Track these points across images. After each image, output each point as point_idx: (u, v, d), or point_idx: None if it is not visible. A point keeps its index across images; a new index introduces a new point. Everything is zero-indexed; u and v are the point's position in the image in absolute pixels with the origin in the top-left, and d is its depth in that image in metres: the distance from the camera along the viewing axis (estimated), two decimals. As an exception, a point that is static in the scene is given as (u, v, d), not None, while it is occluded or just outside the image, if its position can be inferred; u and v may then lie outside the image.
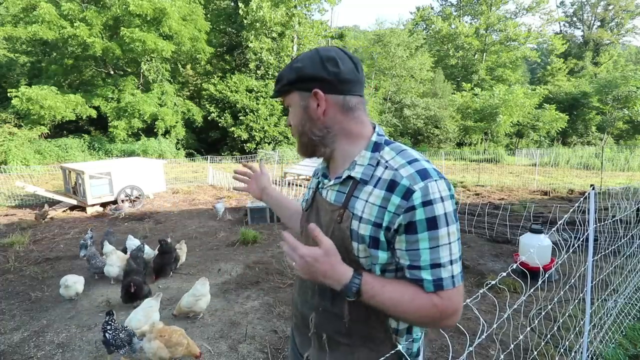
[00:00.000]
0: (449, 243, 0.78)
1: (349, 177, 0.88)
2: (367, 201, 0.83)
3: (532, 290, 3.04)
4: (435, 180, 0.78)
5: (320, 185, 1.00)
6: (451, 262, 0.78)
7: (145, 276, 4.04)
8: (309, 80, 0.87)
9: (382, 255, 0.83)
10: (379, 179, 0.83)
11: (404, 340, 0.90)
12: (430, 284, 0.78)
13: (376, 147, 0.88)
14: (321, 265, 0.78)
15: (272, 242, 5.41)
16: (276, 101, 21.74)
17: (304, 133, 0.93)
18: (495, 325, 1.38)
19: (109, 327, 2.45)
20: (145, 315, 2.79)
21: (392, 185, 0.80)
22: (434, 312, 0.77)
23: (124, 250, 4.39)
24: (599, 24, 37.34)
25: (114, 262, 3.94)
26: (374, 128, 0.93)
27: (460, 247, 0.82)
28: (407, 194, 0.77)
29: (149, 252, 4.41)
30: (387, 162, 0.85)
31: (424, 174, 0.78)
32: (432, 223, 0.76)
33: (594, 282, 2.40)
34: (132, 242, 4.51)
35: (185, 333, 2.55)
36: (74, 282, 3.57)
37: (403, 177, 0.79)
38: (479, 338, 1.21)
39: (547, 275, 2.94)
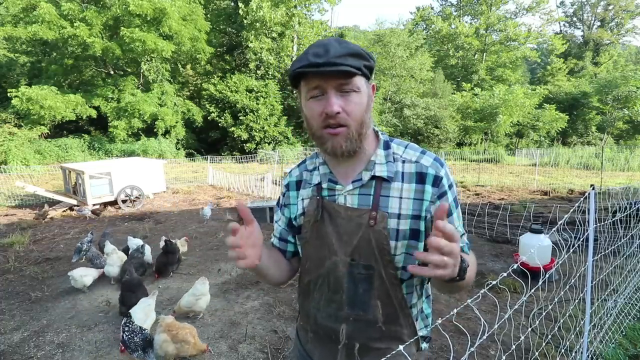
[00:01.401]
0: (461, 215, 0.92)
1: (373, 178, 0.87)
2: (401, 197, 0.86)
3: (532, 290, 3.03)
4: (446, 166, 0.89)
5: (327, 193, 0.92)
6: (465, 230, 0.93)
7: (144, 276, 4.01)
8: (372, 71, 0.86)
9: (420, 245, 0.87)
10: (403, 174, 0.87)
11: (420, 321, 0.96)
12: (466, 248, 0.89)
13: (386, 145, 0.91)
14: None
15: (272, 242, 5.40)
16: (276, 101, 21.76)
17: (364, 123, 0.84)
18: (496, 326, 1.38)
19: (126, 329, 2.44)
20: (145, 314, 2.79)
21: (421, 177, 0.86)
22: (476, 265, 0.89)
23: (125, 251, 4.39)
24: (599, 24, 37.33)
25: (115, 262, 3.94)
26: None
27: None
28: (437, 181, 0.86)
29: (149, 253, 4.35)
30: (401, 156, 0.90)
31: (439, 161, 0.88)
32: (456, 202, 0.89)
33: (594, 282, 2.40)
34: (133, 242, 4.50)
35: (195, 332, 2.59)
36: (81, 276, 3.69)
37: (427, 167, 0.87)
38: (479, 338, 1.21)
39: (547, 276, 2.94)
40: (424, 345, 0.99)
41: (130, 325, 2.46)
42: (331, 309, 0.92)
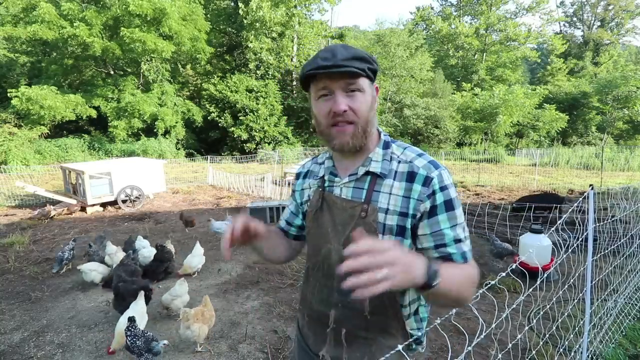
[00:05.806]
0: (462, 222, 0.90)
1: (367, 173, 0.93)
2: (390, 194, 0.90)
3: (531, 290, 3.03)
4: (443, 169, 0.90)
5: (327, 184, 1.01)
6: (466, 238, 0.89)
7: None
8: (376, 74, 0.93)
9: (407, 242, 0.90)
10: (396, 172, 0.91)
11: (413, 322, 0.96)
12: (458, 256, 0.87)
13: (386, 145, 0.96)
14: (409, 258, 0.68)
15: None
16: (276, 101, 21.77)
17: (368, 121, 0.90)
18: (494, 325, 1.38)
19: (129, 333, 2.43)
20: (140, 316, 2.78)
21: (411, 176, 0.89)
22: (475, 279, 0.86)
23: (126, 250, 4.38)
24: (599, 24, 37.31)
25: (118, 262, 3.93)
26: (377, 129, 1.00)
27: None
28: (427, 181, 0.87)
29: (148, 256, 4.25)
30: (398, 157, 0.93)
31: (435, 164, 0.90)
32: (449, 205, 0.88)
33: (593, 282, 2.40)
34: (141, 243, 4.48)
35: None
36: (90, 270, 3.80)
37: (419, 167, 0.89)
38: (478, 338, 1.22)
39: (546, 275, 2.94)
40: (417, 347, 0.99)
41: (133, 330, 2.46)
42: (323, 294, 0.99)
